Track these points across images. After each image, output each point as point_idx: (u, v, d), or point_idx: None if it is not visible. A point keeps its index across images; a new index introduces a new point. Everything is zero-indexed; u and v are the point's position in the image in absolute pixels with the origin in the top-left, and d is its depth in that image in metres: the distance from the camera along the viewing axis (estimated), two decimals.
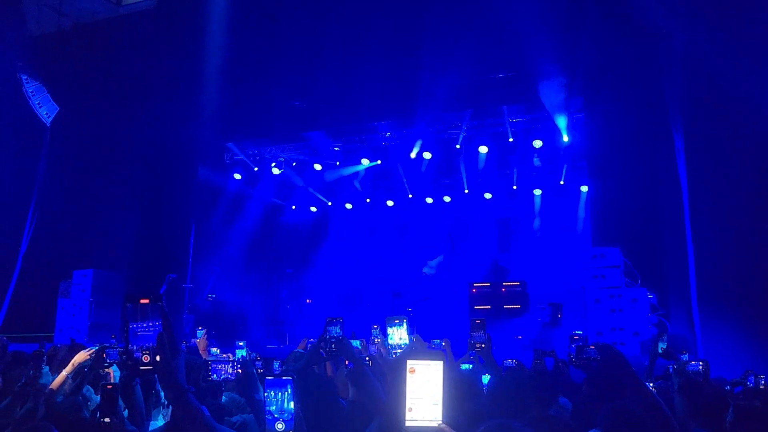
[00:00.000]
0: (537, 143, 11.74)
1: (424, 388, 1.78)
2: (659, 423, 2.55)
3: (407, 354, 2.58)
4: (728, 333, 7.37)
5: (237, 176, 13.33)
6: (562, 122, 10.72)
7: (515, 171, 13.29)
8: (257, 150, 13.59)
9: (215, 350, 6.10)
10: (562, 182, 12.99)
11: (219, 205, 13.13)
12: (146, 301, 1.81)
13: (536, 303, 11.51)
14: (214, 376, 3.43)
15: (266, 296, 13.40)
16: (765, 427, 3.02)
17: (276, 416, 2.10)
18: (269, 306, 13.36)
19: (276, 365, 4.41)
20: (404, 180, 13.95)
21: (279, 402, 2.11)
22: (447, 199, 14.76)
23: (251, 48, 11.05)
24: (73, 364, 3.53)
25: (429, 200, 14.85)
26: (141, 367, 1.81)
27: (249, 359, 4.56)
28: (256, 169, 13.70)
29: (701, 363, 4.16)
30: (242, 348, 4.98)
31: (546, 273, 12.45)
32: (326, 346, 3.22)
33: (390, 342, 3.84)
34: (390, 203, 15.20)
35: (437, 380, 1.79)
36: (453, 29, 9.57)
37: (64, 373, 3.49)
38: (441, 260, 14.40)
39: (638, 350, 7.90)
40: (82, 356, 3.57)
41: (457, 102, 10.67)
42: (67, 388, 3.44)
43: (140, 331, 1.81)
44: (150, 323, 1.81)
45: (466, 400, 3.06)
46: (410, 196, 14.42)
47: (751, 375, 4.76)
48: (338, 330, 3.23)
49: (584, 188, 12.65)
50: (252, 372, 3.35)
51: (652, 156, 9.02)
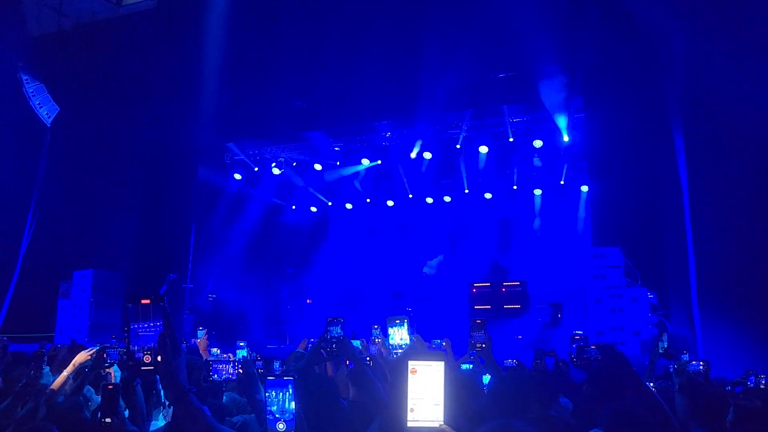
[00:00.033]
0: (537, 143, 11.74)
1: (426, 389, 1.79)
2: (660, 423, 2.55)
3: (408, 354, 2.59)
4: (728, 333, 7.36)
5: (237, 176, 13.32)
6: (563, 122, 10.72)
7: (515, 171, 13.29)
8: (257, 150, 13.59)
9: (215, 350, 6.09)
10: (563, 182, 12.98)
11: (219, 205, 13.12)
12: (147, 302, 1.82)
13: (536, 303, 11.51)
14: (215, 377, 3.44)
15: (266, 296, 13.40)
16: (766, 427, 3.02)
17: (277, 416, 2.11)
18: (269, 306, 13.36)
19: (276, 365, 4.41)
20: (404, 180, 13.94)
21: (280, 402, 2.11)
22: (447, 199, 14.76)
23: (251, 48, 11.05)
24: (74, 365, 3.53)
25: (429, 200, 14.85)
26: (142, 368, 1.81)
27: (250, 359, 4.55)
28: (257, 169, 13.70)
29: (702, 363, 4.16)
30: (243, 348, 4.97)
31: (546, 273, 12.45)
32: (327, 346, 3.22)
33: (391, 342, 3.84)
34: (390, 203, 15.19)
35: (438, 381, 1.79)
36: (453, 29, 9.57)
37: (65, 374, 3.48)
38: (441, 260, 14.40)
39: (639, 350, 7.90)
40: (83, 356, 3.56)
41: (458, 102, 10.67)
42: (68, 389, 3.43)
43: (141, 332, 1.81)
44: (151, 323, 1.81)
45: (467, 400, 3.05)
46: (410, 196, 14.41)
47: (752, 375, 4.76)
48: (339, 330, 3.23)
49: (584, 188, 12.65)
50: (253, 372, 3.34)
51: (653, 156, 9.02)
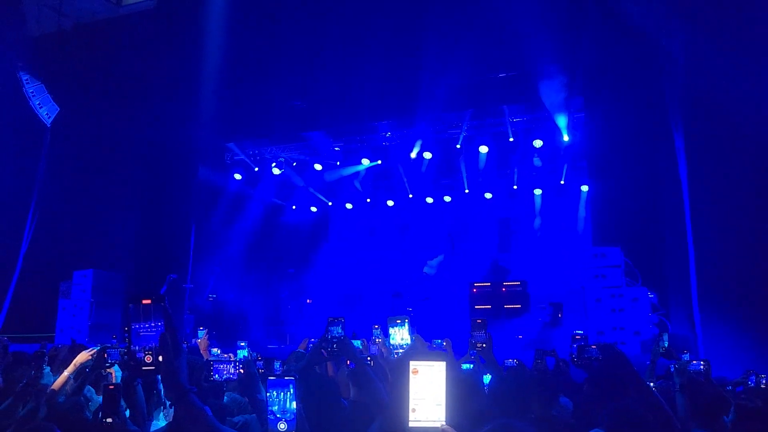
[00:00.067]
0: (537, 143, 11.73)
1: (427, 389, 1.78)
2: (661, 423, 2.55)
3: (409, 355, 2.58)
4: (729, 332, 7.36)
5: (237, 176, 13.32)
6: (563, 122, 10.72)
7: (516, 171, 13.29)
8: (257, 150, 13.59)
9: (216, 350, 6.10)
10: (563, 182, 12.98)
11: (219, 206, 13.13)
12: (148, 302, 1.81)
13: (537, 303, 11.52)
14: (216, 377, 3.44)
15: (267, 296, 13.41)
16: (766, 428, 3.02)
17: (279, 416, 2.11)
18: (270, 306, 13.37)
19: (277, 365, 4.41)
20: (404, 180, 13.94)
21: (282, 402, 2.11)
22: (447, 199, 14.76)
23: (251, 48, 11.05)
24: (75, 365, 3.52)
25: (429, 200, 14.85)
26: (144, 368, 1.81)
27: (251, 359, 4.55)
28: (257, 169, 13.70)
29: (703, 362, 4.16)
30: (244, 348, 4.96)
31: (546, 273, 12.45)
32: (328, 346, 3.22)
33: (392, 342, 3.84)
34: (390, 203, 15.19)
35: (440, 381, 1.79)
36: (453, 29, 9.57)
37: (66, 374, 3.48)
38: (441, 260, 14.40)
39: (639, 350, 7.90)
40: (84, 356, 3.56)
41: (458, 102, 10.67)
42: (69, 389, 3.43)
43: (142, 332, 1.81)
44: (152, 324, 1.81)
45: (468, 400, 3.05)
46: (410, 196, 14.41)
47: (752, 374, 4.76)
48: (340, 330, 3.23)
49: (585, 188, 12.65)
50: (254, 372, 3.35)
51: (653, 155, 9.02)
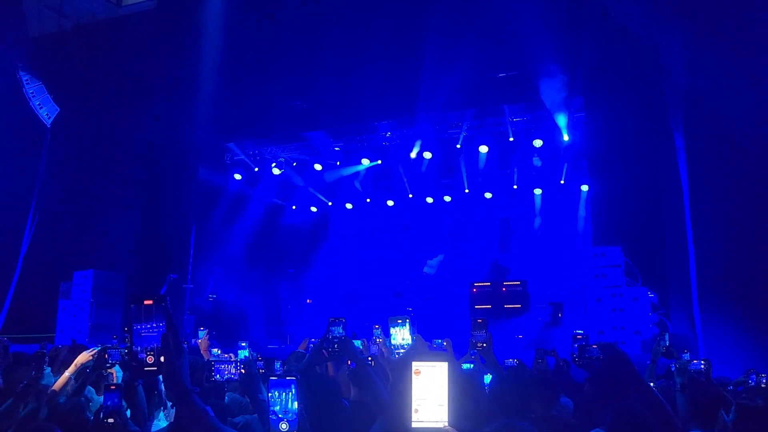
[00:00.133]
0: (537, 143, 11.73)
1: (430, 390, 1.79)
2: (662, 422, 2.55)
3: (410, 355, 2.58)
4: (729, 332, 7.37)
5: (237, 176, 13.33)
6: (563, 121, 10.71)
7: (516, 170, 13.29)
8: (257, 150, 13.59)
9: (216, 351, 6.10)
10: (563, 181, 12.98)
11: (219, 206, 13.13)
12: (150, 302, 1.81)
13: (537, 302, 11.51)
14: (217, 377, 3.43)
15: (267, 296, 13.41)
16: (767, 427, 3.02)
17: (280, 416, 2.11)
18: (270, 306, 13.36)
19: (277, 365, 4.41)
20: (405, 180, 13.94)
21: (283, 402, 2.11)
22: (447, 199, 14.75)
23: (251, 48, 11.05)
24: (76, 365, 3.51)
25: (429, 200, 14.85)
26: (145, 368, 1.81)
27: (252, 359, 4.55)
28: (257, 170, 13.70)
29: (703, 362, 4.15)
30: (245, 348, 4.96)
31: (547, 272, 12.45)
32: (329, 346, 3.22)
33: (393, 342, 3.84)
34: (390, 203, 15.19)
35: (442, 382, 1.79)
36: (453, 29, 9.56)
37: (67, 374, 3.47)
38: (441, 259, 14.40)
39: (639, 349, 7.91)
40: (85, 357, 3.55)
41: (458, 101, 10.66)
42: (70, 389, 3.43)
43: (144, 332, 1.81)
44: (154, 324, 1.81)
45: (468, 400, 3.05)
46: (411, 196, 14.42)
47: (753, 374, 4.76)
48: (341, 330, 3.23)
49: (585, 187, 12.65)
50: (256, 372, 3.34)
51: (653, 155, 9.02)
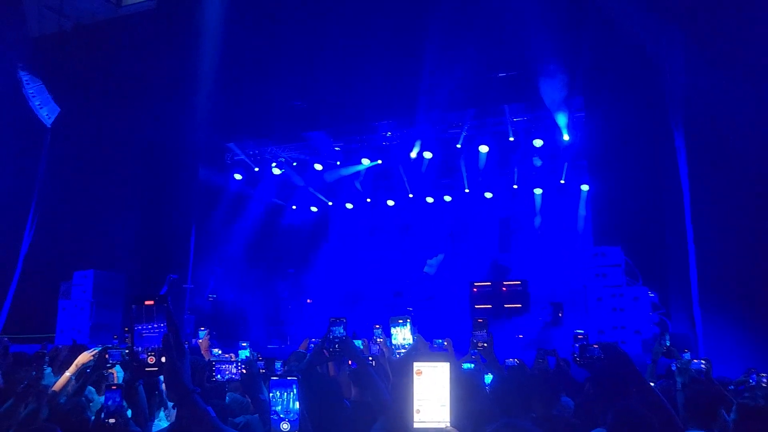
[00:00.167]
0: (537, 142, 11.72)
1: (431, 390, 1.78)
2: (663, 422, 2.55)
3: (411, 355, 2.58)
4: (729, 331, 7.37)
5: (237, 176, 13.32)
6: (563, 121, 10.71)
7: (516, 170, 13.28)
8: (258, 150, 13.59)
9: (217, 351, 6.10)
10: (563, 181, 12.97)
11: (219, 206, 13.13)
12: (151, 303, 1.81)
13: (537, 302, 11.51)
14: (218, 377, 3.44)
15: (267, 296, 13.41)
16: None
17: (281, 416, 2.10)
18: (270, 306, 13.36)
19: (278, 365, 4.41)
20: (405, 180, 13.94)
21: (284, 402, 2.11)
22: (448, 199, 14.75)
23: (251, 48, 11.04)
24: (76, 365, 3.51)
25: (430, 200, 14.84)
26: (147, 369, 1.81)
27: (253, 360, 4.56)
28: (257, 170, 13.70)
29: (704, 361, 4.16)
30: (245, 348, 4.95)
31: (547, 272, 12.45)
32: (330, 346, 3.22)
33: (394, 342, 3.84)
34: (391, 203, 15.19)
35: (444, 382, 1.79)
36: (454, 29, 9.56)
37: (67, 374, 3.46)
38: (441, 259, 14.39)
39: (640, 349, 7.91)
40: (86, 357, 3.54)
41: (458, 101, 10.65)
42: (70, 390, 3.43)
43: (145, 333, 1.81)
44: (155, 325, 1.81)
45: (469, 400, 3.05)
46: (411, 196, 14.41)
47: (753, 373, 4.76)
48: (342, 330, 3.23)
49: (585, 187, 12.64)
50: (257, 372, 3.34)
51: (653, 155, 9.02)
